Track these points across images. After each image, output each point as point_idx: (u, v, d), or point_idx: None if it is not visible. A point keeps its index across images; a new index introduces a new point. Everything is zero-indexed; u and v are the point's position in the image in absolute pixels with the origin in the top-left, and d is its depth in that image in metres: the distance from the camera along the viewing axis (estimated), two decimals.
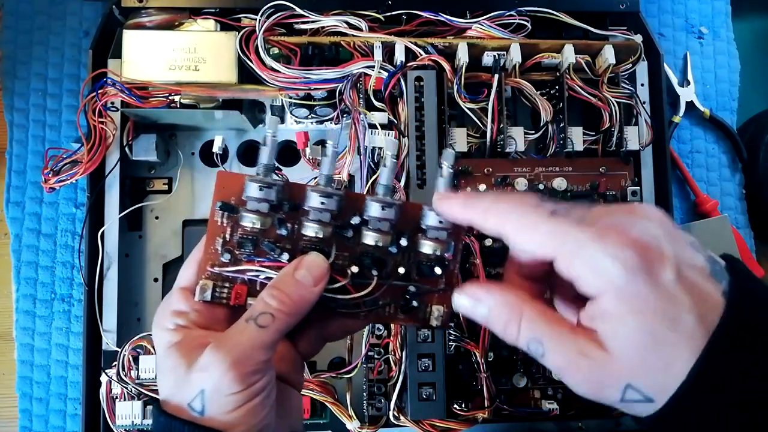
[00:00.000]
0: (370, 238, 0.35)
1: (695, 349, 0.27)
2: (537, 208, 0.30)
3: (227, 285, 0.35)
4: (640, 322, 0.27)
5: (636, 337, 0.27)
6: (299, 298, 0.33)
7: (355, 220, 0.35)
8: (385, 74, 0.53)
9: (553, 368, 0.30)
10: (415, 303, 0.36)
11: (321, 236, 0.35)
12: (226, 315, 0.35)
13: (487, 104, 0.54)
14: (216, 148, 0.56)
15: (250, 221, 0.34)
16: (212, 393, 0.31)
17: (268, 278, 0.34)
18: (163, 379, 0.34)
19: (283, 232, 0.35)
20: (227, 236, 0.35)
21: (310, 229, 0.35)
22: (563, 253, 0.28)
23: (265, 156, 0.35)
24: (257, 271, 0.35)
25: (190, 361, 0.32)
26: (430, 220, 0.35)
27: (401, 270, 0.36)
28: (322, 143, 0.55)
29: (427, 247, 0.35)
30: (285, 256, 0.35)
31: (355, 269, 0.35)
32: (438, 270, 0.36)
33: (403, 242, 0.35)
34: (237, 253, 0.35)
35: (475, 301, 0.31)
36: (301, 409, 0.40)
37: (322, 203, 0.34)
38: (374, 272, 0.35)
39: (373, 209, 0.35)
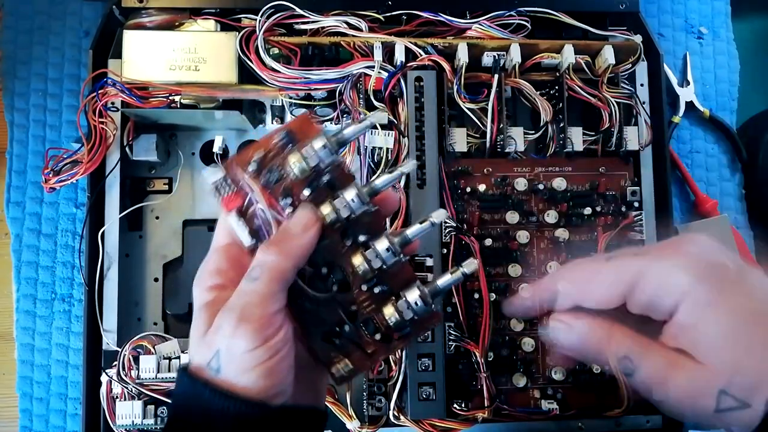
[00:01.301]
0: (357, 260, 0.35)
1: None
2: (592, 260, 0.31)
3: (231, 188, 0.35)
4: (721, 323, 0.27)
5: (720, 338, 0.27)
6: (286, 247, 0.33)
7: (362, 238, 0.35)
8: (385, 74, 0.53)
9: (643, 385, 0.30)
10: (337, 341, 0.36)
11: (328, 221, 0.35)
12: None
13: (487, 104, 0.54)
14: (216, 148, 0.56)
15: (292, 162, 0.35)
16: (227, 352, 0.32)
17: (263, 210, 0.35)
18: (191, 339, 0.34)
19: (306, 193, 0.35)
20: (269, 156, 0.35)
21: (326, 212, 0.35)
22: (631, 284, 0.29)
23: (350, 130, 0.35)
24: (261, 198, 0.35)
25: (212, 323, 0.33)
26: (411, 296, 0.35)
27: (353, 307, 0.36)
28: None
29: (389, 311, 0.35)
30: (288, 211, 0.35)
31: (324, 270, 0.35)
32: (378, 336, 0.36)
33: (377, 289, 0.36)
34: (262, 174, 0.35)
35: (568, 327, 0.32)
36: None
37: (352, 201, 0.34)
38: (334, 288, 0.35)
39: (381, 244, 0.35)
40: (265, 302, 0.32)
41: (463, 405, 0.51)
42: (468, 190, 0.54)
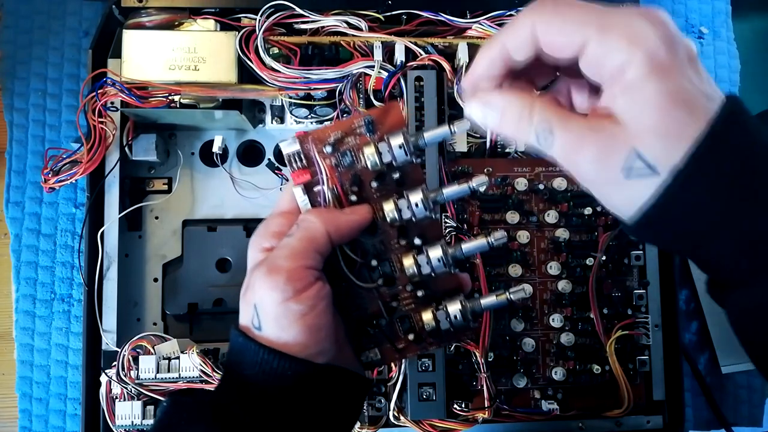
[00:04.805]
0: (408, 262, 0.35)
1: (707, 120, 0.27)
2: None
3: (303, 162, 0.36)
4: (665, 83, 0.27)
5: (657, 99, 0.27)
6: (328, 216, 0.34)
7: (417, 242, 0.36)
8: (385, 74, 0.53)
9: (560, 154, 0.29)
10: (371, 330, 0.36)
11: (388, 220, 0.35)
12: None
13: None
14: (216, 148, 0.56)
15: (367, 153, 0.35)
16: (261, 305, 0.32)
17: (326, 191, 0.35)
18: (240, 301, 0.35)
19: (375, 184, 0.35)
20: (347, 139, 0.36)
21: (389, 209, 0.35)
22: (599, 28, 0.28)
23: (430, 135, 0.35)
24: (327, 180, 0.35)
25: None
26: (452, 308, 0.35)
27: (393, 303, 0.36)
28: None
29: (428, 317, 0.36)
30: (354, 198, 0.35)
31: (374, 262, 0.36)
32: (411, 336, 0.36)
33: (420, 293, 0.36)
34: (335, 155, 0.35)
35: (486, 106, 0.31)
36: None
37: (416, 206, 0.35)
38: (379, 282, 0.36)
39: (435, 252, 0.35)
40: (294, 256, 0.33)
41: (463, 405, 0.51)
42: None
